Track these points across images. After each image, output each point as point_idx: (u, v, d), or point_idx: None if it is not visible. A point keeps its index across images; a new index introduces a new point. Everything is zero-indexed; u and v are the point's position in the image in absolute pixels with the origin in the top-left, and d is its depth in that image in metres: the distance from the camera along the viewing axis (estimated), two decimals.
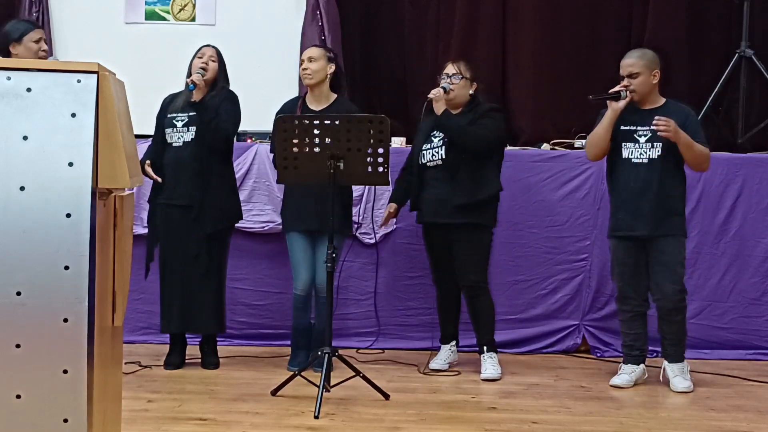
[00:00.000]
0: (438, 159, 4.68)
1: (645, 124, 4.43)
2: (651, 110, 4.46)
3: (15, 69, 2.13)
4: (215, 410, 3.95)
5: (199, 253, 4.67)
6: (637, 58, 4.46)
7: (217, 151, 4.72)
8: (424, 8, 6.41)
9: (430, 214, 4.71)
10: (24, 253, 2.09)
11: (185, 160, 4.67)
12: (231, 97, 4.78)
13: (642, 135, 4.45)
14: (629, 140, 4.47)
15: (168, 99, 4.86)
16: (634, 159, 4.45)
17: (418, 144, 4.80)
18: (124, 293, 2.40)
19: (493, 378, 4.61)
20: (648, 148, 4.42)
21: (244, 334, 5.35)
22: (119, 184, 2.21)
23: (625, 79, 4.44)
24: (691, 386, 4.41)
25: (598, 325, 5.32)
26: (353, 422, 3.80)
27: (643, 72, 4.42)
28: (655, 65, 4.47)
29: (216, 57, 4.78)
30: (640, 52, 4.55)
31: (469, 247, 4.65)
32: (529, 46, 6.25)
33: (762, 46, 5.91)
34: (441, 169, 4.66)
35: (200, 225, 4.66)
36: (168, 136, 4.73)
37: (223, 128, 4.67)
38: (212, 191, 4.68)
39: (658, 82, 4.49)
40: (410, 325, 5.36)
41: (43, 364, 2.10)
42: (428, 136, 4.75)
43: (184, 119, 4.70)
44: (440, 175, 4.66)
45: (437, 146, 4.69)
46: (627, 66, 4.45)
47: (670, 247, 4.42)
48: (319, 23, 6.04)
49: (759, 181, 5.27)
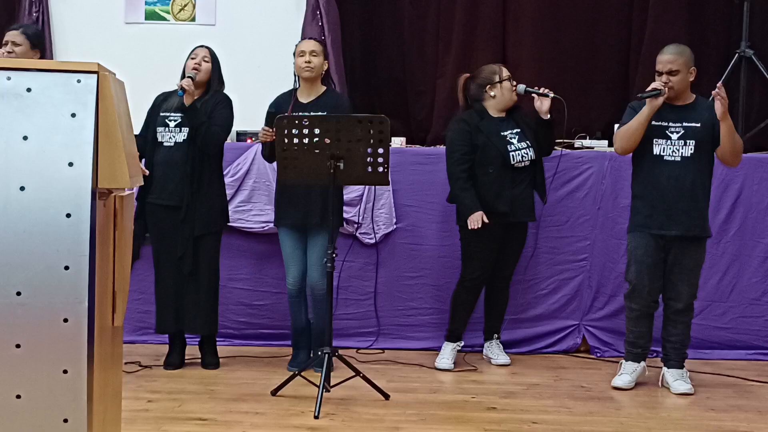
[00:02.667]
0: (527, 160, 4.82)
1: (677, 121, 4.37)
2: (683, 107, 4.40)
3: (15, 69, 2.13)
4: (215, 410, 3.95)
5: (184, 253, 4.66)
6: (677, 55, 4.35)
7: (209, 154, 4.72)
8: (424, 8, 6.41)
9: (519, 213, 4.82)
10: (24, 253, 2.09)
11: (176, 161, 4.65)
12: (225, 101, 4.76)
13: (674, 132, 4.36)
14: (661, 136, 4.38)
15: (161, 97, 4.83)
16: (667, 156, 4.36)
17: (498, 144, 4.77)
18: (124, 293, 2.40)
19: (507, 363, 4.92)
20: (681, 145, 4.35)
21: (243, 334, 5.34)
22: (119, 184, 2.21)
23: (663, 76, 4.34)
24: (692, 388, 4.40)
25: (598, 325, 5.32)
26: (353, 422, 3.80)
27: (681, 69, 4.34)
28: (692, 62, 4.39)
29: (209, 57, 4.75)
30: (678, 48, 4.42)
31: (521, 244, 5.00)
32: (529, 46, 6.25)
33: (762, 46, 5.91)
34: (526, 169, 4.84)
35: (188, 227, 4.65)
36: (159, 135, 4.70)
37: (214, 133, 4.65)
38: (202, 193, 4.66)
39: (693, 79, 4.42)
40: (410, 325, 5.36)
41: (43, 364, 2.10)
42: (501, 136, 4.81)
43: (177, 120, 4.68)
44: (525, 175, 4.84)
45: (524, 147, 4.81)
46: (667, 63, 4.35)
47: (696, 251, 4.41)
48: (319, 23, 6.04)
49: (759, 181, 5.27)
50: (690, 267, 4.41)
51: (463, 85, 4.99)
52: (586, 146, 5.54)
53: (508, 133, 4.83)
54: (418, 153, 5.42)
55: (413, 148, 5.63)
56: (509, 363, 4.93)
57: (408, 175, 5.29)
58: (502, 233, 4.82)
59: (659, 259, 4.42)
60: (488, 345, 4.99)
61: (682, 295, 4.41)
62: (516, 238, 4.92)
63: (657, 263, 4.42)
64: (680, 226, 4.36)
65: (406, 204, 5.31)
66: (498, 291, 5.01)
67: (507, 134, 4.83)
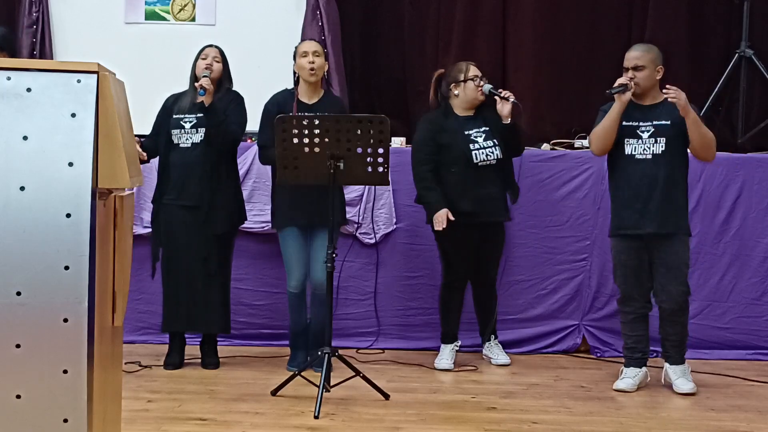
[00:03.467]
0: (493, 159, 4.77)
1: (647, 120, 4.41)
2: (652, 106, 4.44)
3: (15, 69, 2.13)
4: (215, 410, 3.95)
5: (208, 254, 4.67)
6: (644, 52, 4.43)
7: (226, 153, 4.74)
8: (424, 8, 6.41)
9: (486, 213, 4.78)
10: (24, 253, 2.09)
11: (194, 162, 4.67)
12: (237, 98, 4.80)
13: (645, 131, 4.40)
14: (632, 136, 4.41)
15: (171, 99, 4.85)
16: (638, 155, 4.40)
17: (460, 143, 4.76)
18: (124, 293, 2.40)
19: (507, 363, 4.88)
20: (651, 143, 4.38)
21: (244, 334, 5.34)
22: (119, 184, 2.21)
23: (629, 71, 4.40)
24: (694, 387, 4.39)
25: (598, 325, 5.32)
26: (353, 422, 3.80)
27: (648, 66, 4.39)
28: (660, 61, 4.44)
29: (220, 57, 4.79)
30: (645, 46, 4.52)
31: (497, 244, 4.93)
32: (529, 46, 6.25)
33: (762, 46, 5.91)
34: (493, 168, 4.78)
35: (210, 226, 4.66)
36: (175, 137, 4.72)
37: (232, 131, 4.69)
38: (221, 193, 4.70)
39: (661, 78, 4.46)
40: (410, 325, 5.36)
41: (43, 364, 2.10)
42: (465, 135, 4.78)
43: (192, 121, 4.70)
44: (492, 175, 4.78)
45: (490, 146, 4.77)
46: (633, 58, 4.41)
47: (676, 246, 4.38)
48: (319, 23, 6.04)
49: (759, 181, 5.27)
50: (675, 265, 4.38)
51: (434, 82, 4.99)
52: (586, 146, 5.53)
53: (473, 131, 4.80)
54: None
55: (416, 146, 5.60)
56: (509, 363, 4.92)
57: (408, 175, 5.26)
58: (475, 233, 4.78)
59: (643, 261, 4.42)
60: (487, 346, 4.99)
61: (673, 294, 4.38)
62: (492, 238, 4.86)
63: (641, 265, 4.42)
64: (653, 223, 4.35)
65: (406, 204, 5.30)
66: (483, 292, 4.96)
67: (472, 133, 4.79)
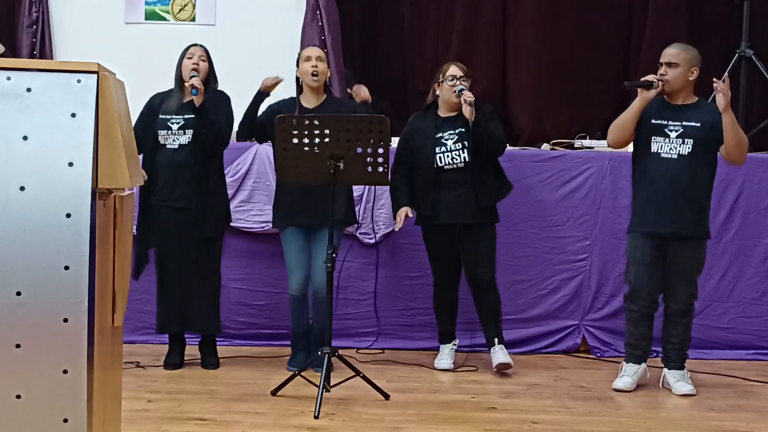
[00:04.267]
0: (459, 162, 4.70)
1: (677, 120, 4.36)
2: (684, 106, 4.39)
3: (15, 69, 2.13)
4: (215, 410, 3.95)
5: (198, 255, 4.68)
6: (681, 50, 4.38)
7: (215, 154, 4.73)
8: (424, 8, 6.41)
9: (450, 215, 4.71)
10: (24, 253, 2.09)
11: (182, 163, 4.66)
12: (224, 98, 4.78)
13: (673, 130, 4.35)
14: (659, 134, 4.36)
15: (158, 99, 4.80)
16: (663, 154, 4.35)
17: (426, 147, 4.73)
18: (124, 293, 2.40)
19: (507, 362, 4.69)
20: (678, 143, 4.33)
21: (243, 334, 5.34)
22: (119, 184, 2.21)
23: (662, 67, 4.35)
24: (693, 389, 4.39)
25: (598, 325, 5.32)
26: (353, 422, 3.80)
27: (682, 65, 4.34)
28: (696, 62, 4.38)
29: (206, 56, 4.76)
30: (684, 46, 4.45)
31: (482, 244, 4.76)
32: (529, 46, 6.25)
33: (762, 46, 5.91)
34: (462, 171, 4.70)
35: (199, 228, 4.66)
36: (161, 137, 4.70)
37: (223, 131, 4.69)
38: (210, 195, 4.69)
39: (695, 81, 4.41)
40: (410, 325, 5.36)
41: (43, 364, 2.10)
42: (435, 138, 4.73)
43: (180, 122, 4.68)
44: (460, 177, 4.70)
45: (455, 149, 4.70)
46: (669, 54, 4.36)
47: (692, 250, 4.38)
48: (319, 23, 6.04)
49: (759, 181, 5.27)
50: (687, 268, 4.39)
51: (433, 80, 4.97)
52: (586, 146, 5.54)
53: (446, 134, 4.73)
54: None
55: None
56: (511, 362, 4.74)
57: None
58: (445, 235, 4.74)
59: (657, 259, 4.40)
60: (492, 350, 4.79)
61: (680, 296, 4.39)
62: (469, 239, 4.73)
63: (655, 263, 4.40)
64: (673, 224, 4.34)
65: None
66: (479, 295, 4.81)
67: (444, 135, 4.73)
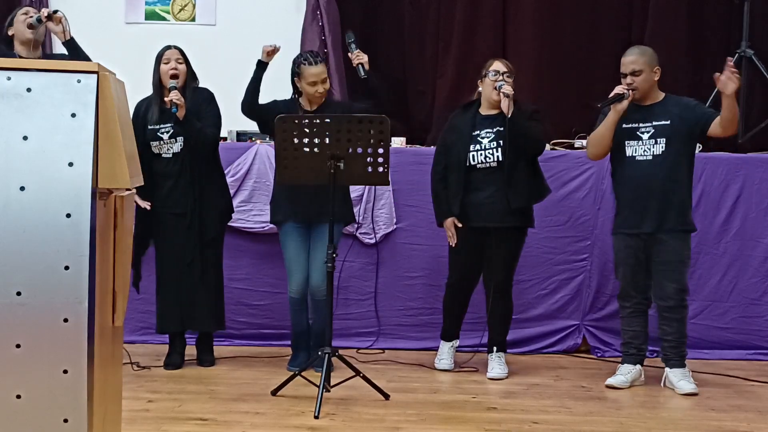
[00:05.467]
0: (492, 161, 4.61)
1: (647, 121, 4.43)
2: (651, 106, 4.46)
3: (15, 69, 2.13)
4: (215, 410, 3.95)
5: (194, 258, 4.69)
6: (639, 56, 4.44)
7: (210, 156, 4.76)
8: (424, 8, 6.41)
9: (479, 217, 4.63)
10: (24, 253, 2.09)
11: (178, 171, 4.69)
12: (208, 97, 4.77)
13: (645, 132, 4.42)
14: (632, 138, 4.44)
15: (143, 106, 4.77)
16: (639, 156, 4.43)
17: (460, 144, 4.67)
18: (124, 293, 2.40)
19: (499, 377, 4.63)
20: (651, 144, 4.41)
21: (244, 334, 5.35)
22: (119, 184, 2.21)
23: (627, 77, 4.41)
24: (696, 388, 4.39)
25: (598, 325, 5.32)
26: (353, 422, 3.80)
27: (645, 69, 4.41)
28: (655, 61, 4.45)
29: (182, 58, 4.72)
30: (639, 49, 4.53)
31: (509, 249, 4.67)
32: (529, 46, 6.25)
33: (762, 46, 5.91)
34: (494, 171, 4.61)
35: (195, 232, 4.68)
36: (155, 148, 4.71)
37: (210, 135, 4.69)
38: (207, 196, 4.71)
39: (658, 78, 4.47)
40: (410, 325, 5.36)
41: (43, 364, 2.10)
42: (471, 136, 4.66)
43: (169, 131, 4.68)
44: (491, 177, 4.61)
45: (490, 147, 4.61)
46: (629, 64, 4.42)
47: (673, 245, 4.40)
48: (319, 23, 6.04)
49: (759, 181, 5.27)
50: (673, 262, 4.41)
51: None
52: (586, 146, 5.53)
53: (483, 132, 4.65)
54: (418, 153, 5.42)
55: (413, 148, 5.62)
56: (504, 377, 4.65)
57: (408, 175, 5.29)
58: (471, 237, 4.66)
59: (641, 258, 4.47)
60: (490, 357, 4.75)
61: (668, 291, 4.41)
62: (498, 244, 4.62)
63: (639, 262, 4.47)
64: (653, 223, 4.40)
65: (406, 204, 5.31)
66: (494, 300, 4.70)
67: (480, 133, 4.65)
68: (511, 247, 4.68)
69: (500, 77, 4.61)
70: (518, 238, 4.71)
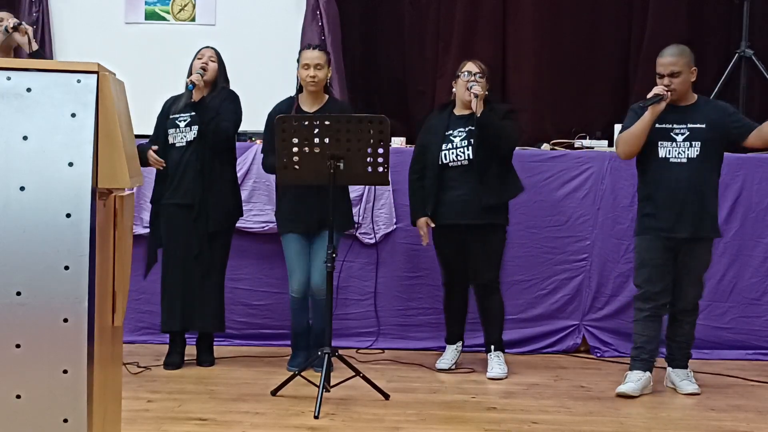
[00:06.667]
0: (464, 159, 4.63)
1: (682, 122, 4.32)
2: (686, 107, 4.35)
3: (15, 69, 2.13)
4: (215, 410, 3.95)
5: (200, 251, 4.70)
6: (678, 56, 4.29)
7: (220, 150, 4.75)
8: (424, 8, 6.41)
9: (452, 215, 4.65)
10: (24, 253, 2.09)
11: (188, 160, 4.71)
12: (231, 96, 4.81)
13: (679, 133, 4.31)
14: (665, 139, 4.32)
15: (170, 101, 4.90)
16: (672, 158, 4.31)
17: (434, 144, 4.70)
18: (124, 293, 2.40)
19: (498, 377, 4.63)
20: (686, 147, 4.29)
21: (243, 334, 5.35)
22: (119, 184, 2.21)
23: (665, 78, 4.27)
24: (698, 388, 4.38)
25: (598, 325, 5.32)
26: (353, 422, 3.80)
27: (683, 70, 4.28)
28: (693, 62, 4.33)
29: (215, 57, 4.82)
30: (678, 49, 4.36)
31: (488, 247, 4.67)
32: (529, 46, 6.25)
33: (762, 46, 5.92)
34: (466, 169, 4.63)
35: (202, 224, 4.68)
36: (171, 136, 4.76)
37: (223, 127, 4.69)
38: (214, 190, 4.71)
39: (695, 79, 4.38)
40: (410, 325, 5.36)
41: (43, 364, 2.10)
42: (444, 135, 4.69)
43: (186, 119, 4.74)
44: (464, 176, 4.63)
45: (461, 146, 4.63)
46: (669, 65, 4.28)
47: (703, 252, 4.37)
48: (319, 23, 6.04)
49: (759, 181, 5.27)
50: (697, 268, 4.39)
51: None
52: (586, 146, 5.54)
53: (456, 131, 4.68)
54: None
55: (413, 148, 5.61)
56: (504, 377, 4.66)
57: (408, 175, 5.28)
58: (451, 235, 4.68)
59: (669, 261, 4.36)
60: (489, 357, 4.75)
61: (689, 296, 4.39)
62: (475, 242, 4.65)
63: (666, 264, 4.35)
64: (690, 228, 4.30)
65: (406, 204, 5.28)
66: (482, 299, 4.75)
67: (453, 132, 4.68)
68: (489, 245, 4.68)
69: (472, 78, 4.65)
70: (495, 235, 4.70)
